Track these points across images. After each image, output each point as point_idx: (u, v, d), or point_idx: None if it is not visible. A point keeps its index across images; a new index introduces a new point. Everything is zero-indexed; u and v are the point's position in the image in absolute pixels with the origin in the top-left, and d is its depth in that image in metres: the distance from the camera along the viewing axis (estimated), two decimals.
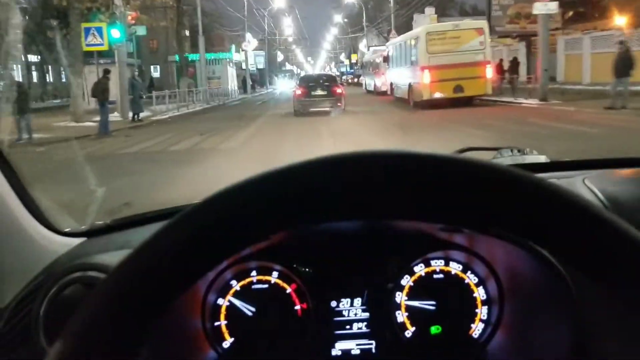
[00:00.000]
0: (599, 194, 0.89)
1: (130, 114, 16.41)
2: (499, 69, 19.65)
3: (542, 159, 1.29)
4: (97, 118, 13.54)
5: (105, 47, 15.92)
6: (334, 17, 75.12)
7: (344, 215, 0.43)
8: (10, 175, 0.95)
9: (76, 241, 1.03)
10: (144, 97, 18.71)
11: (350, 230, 0.92)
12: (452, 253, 0.97)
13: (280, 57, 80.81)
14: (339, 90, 17.89)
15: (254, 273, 0.98)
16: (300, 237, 0.94)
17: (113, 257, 0.91)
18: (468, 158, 0.42)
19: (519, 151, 1.30)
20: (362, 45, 56.14)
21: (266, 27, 58.51)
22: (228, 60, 37.40)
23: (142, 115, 16.71)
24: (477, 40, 17.09)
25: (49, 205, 1.04)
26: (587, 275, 0.42)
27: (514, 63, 19.54)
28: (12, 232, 0.94)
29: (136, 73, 18.86)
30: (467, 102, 17.24)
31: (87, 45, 15.63)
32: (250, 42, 44.83)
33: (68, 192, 4.45)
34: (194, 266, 0.44)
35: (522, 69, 21.69)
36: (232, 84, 37.99)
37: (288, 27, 73.35)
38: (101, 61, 17.78)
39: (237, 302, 0.97)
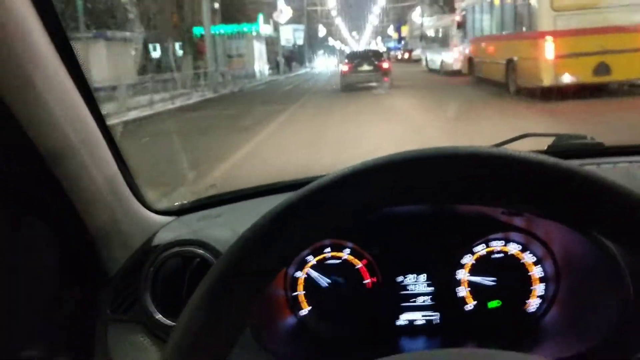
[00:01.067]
0: None
1: None
2: None
3: (599, 145, 1.26)
4: None
5: None
6: None
7: (429, 200, 0.61)
8: (118, 156, 0.99)
9: (169, 219, 1.12)
10: None
11: (419, 212, 0.99)
12: (511, 235, 1.03)
13: (322, 31, 73.34)
14: (385, 65, 17.95)
15: (327, 250, 1.07)
16: (372, 217, 0.90)
17: (206, 234, 1.01)
18: (519, 154, 0.52)
19: (578, 137, 1.29)
20: (415, 15, 48.68)
21: None
22: (255, 33, 30.92)
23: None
24: None
25: (144, 185, 1.07)
26: (632, 254, 0.53)
27: None
28: (117, 210, 0.98)
29: None
30: (614, 90, 10.50)
31: None
32: (283, 11, 38.20)
33: None
34: (295, 246, 0.55)
35: None
36: (261, 62, 31.77)
37: None
38: None
39: (314, 275, 1.06)
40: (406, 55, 47.50)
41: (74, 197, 0.89)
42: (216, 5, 21.66)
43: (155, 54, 23.49)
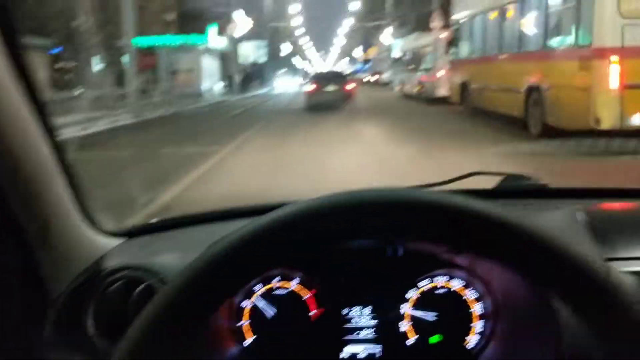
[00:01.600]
0: (588, 227, 1.01)
1: None
2: None
3: (544, 186, 1.32)
4: None
5: None
6: (348, 5, 65.31)
7: (367, 237, 0.61)
8: (67, 171, 0.98)
9: (118, 241, 1.10)
10: None
11: (367, 245, 0.99)
12: (454, 272, 1.06)
13: (286, 50, 69.19)
14: (349, 87, 18.67)
15: (277, 279, 1.06)
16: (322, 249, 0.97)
17: (153, 259, 1.01)
18: (443, 198, 0.59)
19: (524, 177, 1.33)
20: (384, 36, 45.74)
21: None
22: (204, 47, 26.90)
23: None
24: None
25: (93, 204, 1.06)
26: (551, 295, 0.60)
27: None
28: (64, 229, 0.97)
29: None
30: None
31: None
32: (239, 24, 34.36)
33: None
34: (244, 277, 0.58)
35: None
36: (212, 80, 27.88)
37: (295, 14, 63.08)
38: None
39: (261, 304, 1.06)
40: (374, 78, 45.36)
41: (19, 215, 0.87)
42: (170, 16, 17.74)
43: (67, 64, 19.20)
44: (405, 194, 0.60)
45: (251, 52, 46.20)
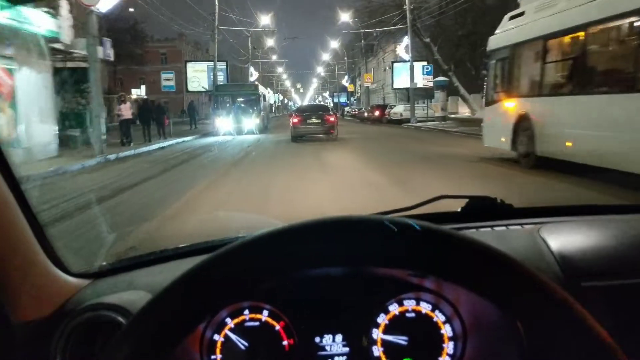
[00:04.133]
0: (550, 245, 1.09)
1: None
2: None
3: (508, 207, 1.36)
4: None
5: None
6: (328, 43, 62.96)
7: (333, 264, 0.63)
8: (30, 215, 0.99)
9: (85, 282, 1.12)
10: None
11: (334, 273, 0.99)
12: (422, 294, 1.07)
13: (252, 75, 54.52)
14: (332, 119, 19.68)
15: (246, 312, 1.07)
16: (287, 281, 0.98)
17: (122, 298, 1.03)
18: (406, 222, 0.62)
19: (488, 199, 1.36)
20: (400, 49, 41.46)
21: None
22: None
23: None
24: None
25: (60, 247, 1.07)
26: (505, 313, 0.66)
27: None
28: (30, 271, 0.98)
29: None
30: None
31: None
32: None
33: None
34: (207, 309, 0.61)
35: None
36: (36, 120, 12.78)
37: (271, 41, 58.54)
38: None
39: (232, 337, 1.06)
40: (374, 114, 38.49)
41: None
42: None
43: None
44: (364, 219, 0.62)
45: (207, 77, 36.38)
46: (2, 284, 0.92)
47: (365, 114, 40.59)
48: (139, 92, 46.90)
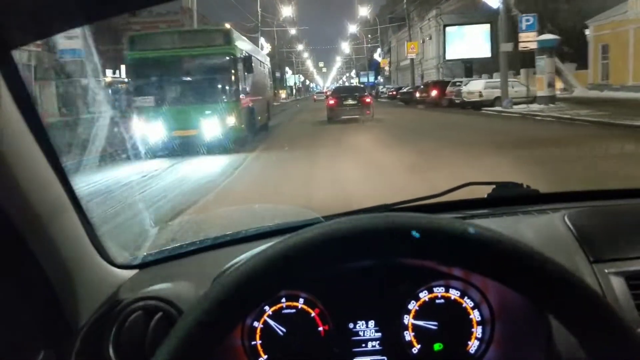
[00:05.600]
0: (574, 231, 1.10)
1: None
2: None
3: (534, 192, 1.38)
4: None
5: None
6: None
7: (370, 257, 0.67)
8: (80, 212, 1.01)
9: (130, 273, 1.15)
10: None
11: (367, 264, 1.03)
12: (451, 282, 1.12)
13: (263, 49, 37.18)
14: (367, 100, 19.61)
15: (283, 300, 1.13)
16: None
17: (166, 288, 1.07)
18: (438, 222, 0.65)
19: (514, 185, 1.37)
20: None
21: None
22: None
23: None
24: None
25: (106, 240, 1.09)
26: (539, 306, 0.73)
27: None
28: (81, 265, 1.00)
29: None
30: None
31: None
32: None
33: None
34: (257, 298, 0.64)
35: None
36: None
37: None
38: None
39: (271, 324, 1.12)
40: (394, 93, 33.67)
41: (39, 254, 0.88)
42: None
43: None
44: (395, 220, 0.65)
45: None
46: (56, 278, 0.94)
47: (417, 95, 30.03)
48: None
